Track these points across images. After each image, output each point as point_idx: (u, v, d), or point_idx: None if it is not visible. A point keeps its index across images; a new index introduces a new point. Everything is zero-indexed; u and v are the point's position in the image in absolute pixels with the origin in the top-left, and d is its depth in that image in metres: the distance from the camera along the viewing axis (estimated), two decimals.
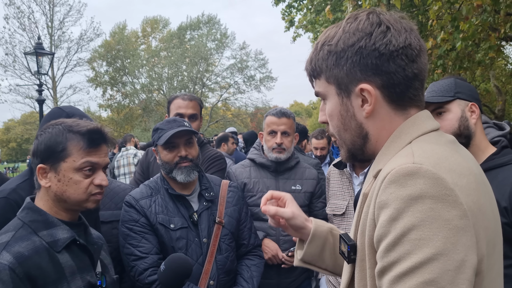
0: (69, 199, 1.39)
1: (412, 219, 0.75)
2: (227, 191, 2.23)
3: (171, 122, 2.08)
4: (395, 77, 0.90)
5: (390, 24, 0.91)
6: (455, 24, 5.89)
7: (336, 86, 0.96)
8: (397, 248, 0.76)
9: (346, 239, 0.95)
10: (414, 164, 0.79)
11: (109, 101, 31.10)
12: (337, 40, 0.94)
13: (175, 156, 2.05)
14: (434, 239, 0.74)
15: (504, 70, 16.85)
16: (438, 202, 0.75)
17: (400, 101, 0.93)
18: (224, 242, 2.09)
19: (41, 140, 1.40)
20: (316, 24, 10.44)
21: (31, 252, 1.28)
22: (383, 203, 0.80)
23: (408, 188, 0.77)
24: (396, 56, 0.90)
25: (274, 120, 2.64)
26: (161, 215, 2.01)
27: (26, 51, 12.54)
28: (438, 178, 0.77)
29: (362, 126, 0.96)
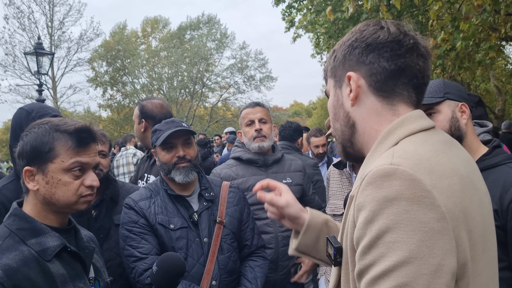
0: (58, 202, 1.32)
1: (387, 222, 0.74)
2: (227, 191, 2.23)
3: (169, 123, 2.08)
4: (377, 66, 0.94)
5: (386, 25, 0.96)
6: (455, 24, 5.88)
7: (333, 79, 1.04)
8: (372, 251, 0.76)
9: (333, 241, 0.94)
10: (391, 166, 0.78)
11: (109, 101, 31.10)
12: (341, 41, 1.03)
13: (173, 156, 2.05)
14: (408, 242, 0.73)
15: (504, 70, 16.84)
16: (413, 204, 0.74)
17: (385, 92, 0.94)
18: (225, 242, 2.08)
19: (26, 140, 1.32)
20: (316, 24, 10.43)
21: (19, 264, 1.20)
22: (360, 205, 0.80)
23: (383, 189, 0.77)
24: (381, 48, 0.94)
25: (249, 110, 2.70)
26: (160, 215, 2.00)
27: (26, 51, 12.54)
28: (415, 179, 0.76)
29: (349, 115, 0.99)
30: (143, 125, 2.73)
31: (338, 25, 9.37)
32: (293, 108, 59.99)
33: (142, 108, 2.77)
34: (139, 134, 2.79)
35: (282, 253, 2.62)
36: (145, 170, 2.78)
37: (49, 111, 1.89)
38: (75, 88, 24.41)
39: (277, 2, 11.92)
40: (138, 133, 2.79)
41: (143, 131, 2.74)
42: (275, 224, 2.61)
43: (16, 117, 1.91)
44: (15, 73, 22.02)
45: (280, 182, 2.59)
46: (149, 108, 2.76)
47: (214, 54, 30.70)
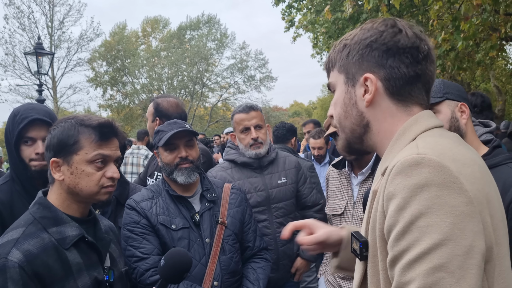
0: (81, 192, 1.42)
1: (419, 207, 0.77)
2: (229, 193, 2.23)
3: (172, 124, 2.08)
4: (398, 71, 0.96)
5: (403, 28, 0.98)
6: (456, 24, 5.88)
7: (344, 75, 1.04)
8: (406, 237, 0.78)
9: (358, 236, 0.97)
10: (418, 155, 0.82)
11: (109, 101, 31.11)
12: (353, 36, 1.03)
13: (175, 157, 2.05)
14: (441, 225, 0.75)
15: (504, 70, 16.84)
16: (443, 189, 0.77)
17: (401, 96, 0.98)
18: (227, 242, 2.08)
19: (53, 134, 1.43)
20: (316, 24, 10.43)
21: (39, 250, 1.30)
22: (390, 194, 0.82)
23: (413, 177, 0.79)
24: (402, 53, 0.96)
25: (243, 116, 2.62)
26: (162, 216, 2.01)
27: (26, 51, 12.53)
28: (443, 166, 0.79)
29: (363, 115, 1.01)
30: (157, 123, 2.69)
31: (338, 25, 9.37)
32: (293, 108, 59.96)
33: (157, 106, 2.73)
34: (152, 132, 2.73)
35: (281, 253, 2.63)
36: (155, 168, 2.77)
37: (32, 114, 1.88)
38: (75, 88, 24.40)
39: (277, 2, 11.92)
40: (151, 131, 2.76)
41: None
42: (272, 225, 2.62)
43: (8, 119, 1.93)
44: (15, 73, 22.03)
45: (276, 182, 2.63)
46: (164, 106, 2.72)
47: (214, 54, 30.71)
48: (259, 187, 2.62)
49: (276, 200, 2.63)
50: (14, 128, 1.85)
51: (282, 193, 2.66)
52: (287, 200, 2.68)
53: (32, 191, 1.88)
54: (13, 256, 1.24)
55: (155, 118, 2.71)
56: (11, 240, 1.29)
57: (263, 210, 2.61)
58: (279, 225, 2.62)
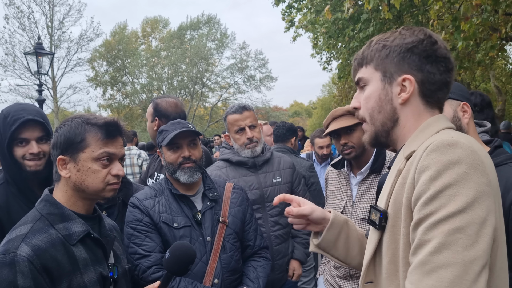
0: (87, 189, 1.45)
1: (450, 179, 0.90)
2: (231, 192, 2.25)
3: (175, 124, 2.11)
4: (433, 77, 1.10)
5: (438, 40, 1.12)
6: (456, 24, 5.89)
7: (382, 73, 1.14)
8: (434, 202, 0.90)
9: (378, 208, 1.09)
10: (453, 138, 0.96)
11: (109, 101, 31.12)
12: (394, 38, 1.14)
13: (178, 156, 2.07)
14: (466, 196, 0.88)
15: (504, 70, 16.85)
16: (472, 169, 0.90)
17: (430, 99, 1.12)
18: (228, 241, 2.10)
19: (60, 132, 1.46)
20: (316, 24, 10.44)
21: (47, 245, 1.32)
22: (424, 167, 0.94)
23: (448, 155, 0.93)
24: (439, 61, 1.10)
25: (237, 117, 2.64)
26: (164, 214, 2.03)
27: (26, 51, 12.54)
28: (473, 150, 0.93)
29: (396, 111, 1.13)
30: (156, 123, 2.71)
31: (338, 25, 9.39)
32: (293, 108, 59.99)
33: (156, 106, 2.74)
34: (151, 132, 2.76)
35: (276, 252, 2.64)
36: (155, 168, 2.77)
37: (24, 115, 1.86)
38: (75, 88, 24.34)
39: (277, 2, 11.93)
40: (150, 131, 2.77)
41: (156, 129, 2.70)
42: (267, 224, 2.63)
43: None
44: (15, 73, 22.00)
45: (270, 181, 2.66)
46: (163, 106, 2.73)
47: (214, 54, 30.72)
48: (254, 186, 2.64)
49: (270, 199, 2.65)
50: (6, 130, 1.83)
51: (276, 192, 2.67)
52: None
53: (27, 192, 1.88)
54: (22, 251, 1.27)
55: (154, 118, 2.72)
56: (20, 236, 1.32)
57: (258, 209, 2.63)
58: (274, 223, 2.65)
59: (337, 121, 2.38)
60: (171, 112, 2.72)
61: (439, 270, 0.86)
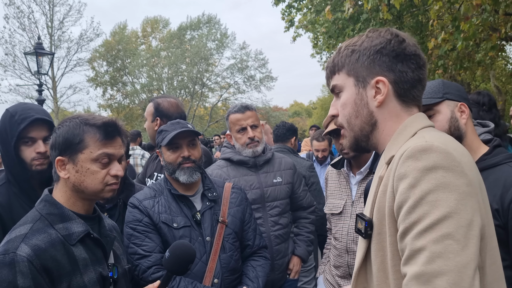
0: (86, 189, 1.44)
1: (428, 185, 0.89)
2: (230, 192, 2.26)
3: (175, 124, 2.11)
4: (405, 75, 1.09)
5: (405, 38, 1.12)
6: (456, 24, 5.90)
7: (354, 78, 1.13)
8: (416, 210, 0.89)
9: (363, 216, 1.08)
10: (426, 142, 0.94)
11: (109, 101, 31.13)
12: (361, 42, 1.13)
13: (178, 156, 2.08)
14: (447, 200, 0.87)
15: (504, 70, 16.86)
16: (448, 171, 0.89)
17: (406, 98, 1.11)
18: (227, 241, 2.11)
19: (59, 133, 1.45)
20: (316, 24, 10.44)
21: (47, 245, 1.32)
22: (402, 175, 0.94)
23: (423, 161, 0.92)
24: (409, 59, 1.10)
25: (239, 116, 2.65)
26: (164, 214, 2.03)
27: (26, 51, 12.54)
28: (448, 152, 0.92)
29: (373, 114, 1.12)
30: (157, 123, 2.69)
31: (338, 25, 9.39)
32: (293, 108, 60.01)
33: (158, 106, 2.73)
34: (151, 132, 2.74)
35: (276, 252, 2.64)
36: (154, 168, 2.77)
37: (32, 114, 1.87)
38: (75, 88, 24.36)
39: (277, 1, 11.92)
40: (151, 131, 2.75)
41: (157, 129, 2.66)
42: (267, 223, 2.64)
43: (2, 119, 1.89)
44: (15, 73, 22.02)
45: (271, 181, 2.67)
46: (165, 106, 2.72)
47: (214, 54, 30.72)
48: (254, 185, 2.65)
49: (271, 199, 2.66)
50: (13, 129, 1.83)
51: (277, 192, 2.69)
52: (282, 199, 2.71)
53: (30, 192, 1.88)
54: (21, 251, 1.27)
55: (156, 118, 2.71)
56: (20, 236, 1.32)
57: (258, 208, 2.63)
58: (274, 223, 2.65)
59: None
60: (173, 112, 2.71)
61: (434, 280, 0.84)
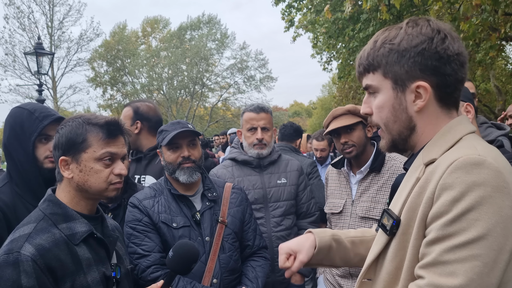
0: (90, 189, 1.44)
1: (473, 202, 0.87)
2: (230, 192, 2.26)
3: (175, 124, 2.11)
4: (449, 79, 1.03)
5: (447, 33, 1.04)
6: (456, 24, 5.90)
7: (392, 81, 1.07)
8: (455, 224, 0.88)
9: (392, 214, 1.06)
10: (479, 156, 0.91)
11: (109, 101, 31.13)
12: (400, 40, 1.05)
13: (178, 156, 2.08)
14: (487, 221, 0.86)
15: (504, 70, 16.85)
16: (496, 192, 0.88)
17: (447, 101, 1.06)
18: (227, 241, 2.10)
19: (62, 133, 1.46)
20: (316, 24, 10.44)
21: (51, 244, 1.33)
22: (447, 185, 0.91)
23: (473, 175, 0.89)
24: (452, 60, 1.03)
25: (253, 116, 2.65)
26: (163, 214, 2.03)
27: (26, 51, 12.54)
28: (499, 172, 0.90)
29: (412, 119, 1.07)
30: (138, 127, 2.68)
31: (338, 25, 9.39)
32: (293, 108, 59.99)
33: (137, 109, 2.72)
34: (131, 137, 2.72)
35: (277, 252, 2.61)
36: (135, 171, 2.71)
37: (52, 112, 1.90)
38: (75, 88, 24.38)
39: (277, 1, 11.93)
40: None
41: (138, 133, 2.68)
42: (268, 224, 2.63)
43: (15, 116, 1.88)
44: (15, 73, 22.03)
45: (275, 182, 2.66)
46: (144, 110, 2.73)
47: (214, 54, 30.71)
48: (257, 185, 2.65)
49: (273, 199, 2.65)
50: (34, 125, 1.83)
51: (280, 193, 2.67)
52: (286, 200, 2.69)
53: (38, 190, 1.88)
54: (25, 250, 1.27)
55: (136, 122, 2.69)
56: (23, 235, 1.32)
57: (260, 208, 2.63)
58: (276, 224, 2.65)
59: (337, 120, 2.39)
60: (153, 116, 2.73)
61: None
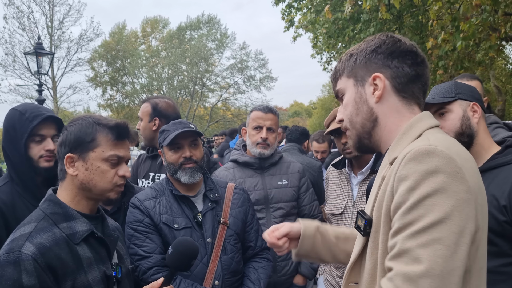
0: (94, 188, 1.45)
1: (428, 189, 0.90)
2: (232, 193, 2.24)
3: (177, 124, 2.10)
4: (401, 70, 1.12)
5: (402, 39, 1.15)
6: (456, 24, 5.90)
7: (353, 79, 1.18)
8: (413, 212, 0.91)
9: (363, 214, 1.11)
10: (430, 146, 0.95)
11: (109, 101, 31.10)
12: (359, 46, 1.19)
13: (179, 157, 2.07)
14: (444, 205, 0.89)
15: (504, 70, 16.84)
16: (449, 177, 0.91)
17: (405, 93, 1.13)
18: (229, 242, 2.09)
19: (70, 130, 1.46)
20: (316, 24, 10.43)
21: (52, 243, 1.33)
22: (403, 177, 0.95)
23: (425, 164, 0.93)
24: (404, 56, 1.13)
25: (260, 115, 2.66)
26: (165, 215, 2.02)
27: (26, 51, 12.53)
28: (450, 158, 0.93)
29: (373, 110, 1.14)
30: (156, 123, 2.67)
31: (338, 25, 9.38)
32: (293, 108, 59.97)
33: (156, 106, 2.71)
34: (149, 133, 2.72)
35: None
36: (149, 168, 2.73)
37: (43, 112, 1.90)
38: (75, 88, 24.37)
39: (277, 1, 11.91)
40: (147, 131, 2.72)
41: (155, 130, 2.67)
42: (270, 225, 2.61)
43: (8, 118, 1.91)
44: (15, 73, 22.01)
45: (276, 184, 2.66)
46: (163, 107, 2.72)
47: (214, 54, 30.70)
48: (258, 186, 2.65)
49: (274, 200, 2.65)
50: (25, 126, 1.85)
51: (281, 194, 2.67)
52: (286, 201, 2.68)
53: (35, 190, 1.89)
54: (26, 249, 1.27)
55: (154, 118, 2.69)
56: (24, 235, 1.32)
57: (261, 209, 2.63)
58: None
59: None
60: (171, 113, 2.71)
61: (419, 281, 0.87)
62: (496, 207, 1.57)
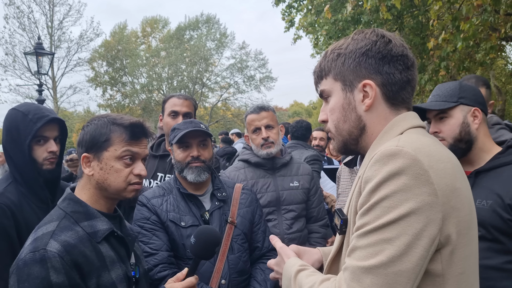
0: (109, 187, 1.45)
1: (387, 191, 0.90)
2: (240, 193, 2.24)
3: (188, 123, 2.11)
4: (393, 77, 1.07)
5: (391, 38, 1.09)
6: (456, 24, 5.91)
7: (341, 83, 1.11)
8: (370, 213, 0.93)
9: (340, 214, 1.11)
10: (396, 147, 0.94)
11: (109, 101, 31.07)
12: (347, 45, 1.11)
13: (187, 155, 2.08)
14: (400, 208, 0.89)
15: (504, 70, 16.87)
16: (412, 179, 0.89)
17: (395, 100, 1.08)
18: (236, 242, 2.09)
19: (86, 130, 1.48)
20: (316, 25, 10.43)
21: (76, 241, 1.33)
22: (368, 178, 0.96)
23: (388, 166, 0.92)
24: (396, 60, 1.07)
25: (254, 117, 2.65)
26: (172, 213, 2.03)
27: (26, 51, 12.53)
28: (415, 159, 0.91)
29: (361, 118, 1.10)
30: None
31: (339, 26, 9.39)
32: (293, 108, 59.92)
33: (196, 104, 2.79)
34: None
35: None
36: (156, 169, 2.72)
37: (46, 113, 1.89)
38: (75, 88, 24.34)
39: (277, 2, 11.92)
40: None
41: None
42: (281, 226, 2.62)
43: (11, 119, 1.90)
44: (15, 73, 21.97)
45: (287, 185, 2.66)
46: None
47: (214, 54, 30.69)
48: (270, 188, 2.64)
49: (286, 202, 2.65)
50: (29, 127, 1.84)
51: (293, 196, 2.67)
52: (297, 203, 2.68)
53: (39, 191, 1.89)
54: (51, 247, 1.27)
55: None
56: (47, 233, 1.32)
57: (273, 211, 2.63)
58: (288, 227, 2.64)
59: None
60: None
61: (362, 276, 0.89)
62: (501, 206, 1.58)
